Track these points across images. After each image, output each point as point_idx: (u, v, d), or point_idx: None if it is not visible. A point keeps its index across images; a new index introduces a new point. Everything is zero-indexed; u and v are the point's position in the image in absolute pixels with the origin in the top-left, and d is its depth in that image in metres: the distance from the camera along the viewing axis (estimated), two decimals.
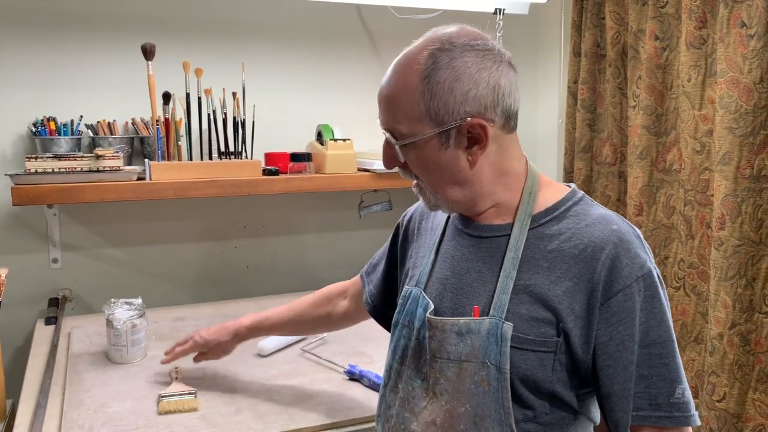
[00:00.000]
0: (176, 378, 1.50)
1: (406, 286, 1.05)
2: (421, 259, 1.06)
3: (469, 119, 0.89)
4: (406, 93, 0.90)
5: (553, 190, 0.98)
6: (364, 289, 1.28)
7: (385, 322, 1.22)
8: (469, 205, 0.97)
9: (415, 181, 0.99)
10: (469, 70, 0.88)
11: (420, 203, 1.16)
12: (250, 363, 1.65)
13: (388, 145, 0.95)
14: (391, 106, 0.92)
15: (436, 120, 0.89)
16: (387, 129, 0.93)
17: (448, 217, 1.06)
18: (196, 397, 1.41)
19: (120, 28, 2.04)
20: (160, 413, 1.35)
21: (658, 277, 0.90)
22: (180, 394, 1.41)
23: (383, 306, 1.23)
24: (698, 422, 0.88)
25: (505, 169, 0.96)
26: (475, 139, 0.91)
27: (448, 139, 0.91)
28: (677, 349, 0.89)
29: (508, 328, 0.88)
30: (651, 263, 0.90)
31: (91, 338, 1.82)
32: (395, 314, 1.04)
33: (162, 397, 1.40)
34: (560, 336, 0.87)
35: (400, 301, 1.04)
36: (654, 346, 0.87)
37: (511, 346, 0.87)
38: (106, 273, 2.13)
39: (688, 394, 0.88)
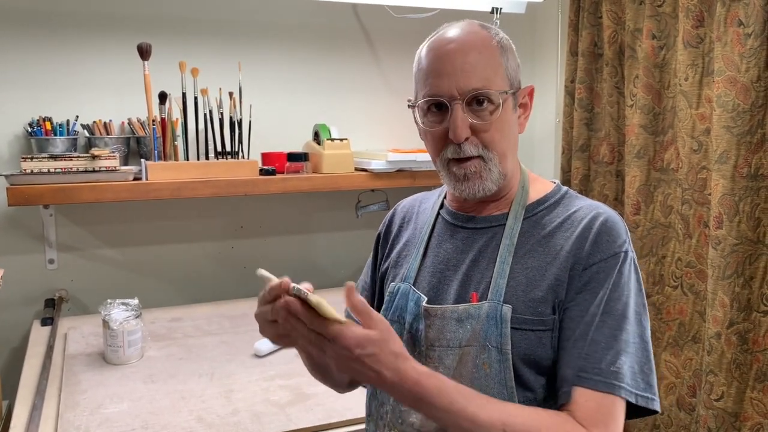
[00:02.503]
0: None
1: (392, 283, 1.05)
2: (405, 258, 1.07)
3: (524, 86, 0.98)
4: (489, 51, 0.93)
5: (540, 184, 1.03)
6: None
7: None
8: (504, 183, 0.99)
9: (476, 155, 0.94)
10: (513, 46, 0.98)
11: (399, 206, 1.16)
12: (247, 363, 1.65)
13: (462, 112, 0.92)
14: (481, 63, 0.92)
15: (510, 81, 0.96)
16: (478, 87, 0.91)
17: (437, 215, 1.07)
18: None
19: (116, 27, 2.03)
20: (310, 301, 0.80)
21: (634, 262, 0.94)
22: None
23: None
24: (630, 398, 0.87)
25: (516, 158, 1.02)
26: (523, 106, 1.00)
27: (515, 102, 0.98)
28: (633, 329, 0.90)
29: (507, 309, 0.91)
30: (629, 247, 0.94)
31: (88, 339, 1.81)
32: (382, 311, 1.04)
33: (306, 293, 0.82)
34: (555, 313, 0.91)
35: (386, 297, 1.05)
36: (609, 316, 0.89)
37: (511, 328, 0.91)
38: (102, 273, 2.12)
39: (629, 370, 0.88)
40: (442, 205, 1.08)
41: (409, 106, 1.00)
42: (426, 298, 0.98)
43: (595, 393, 0.87)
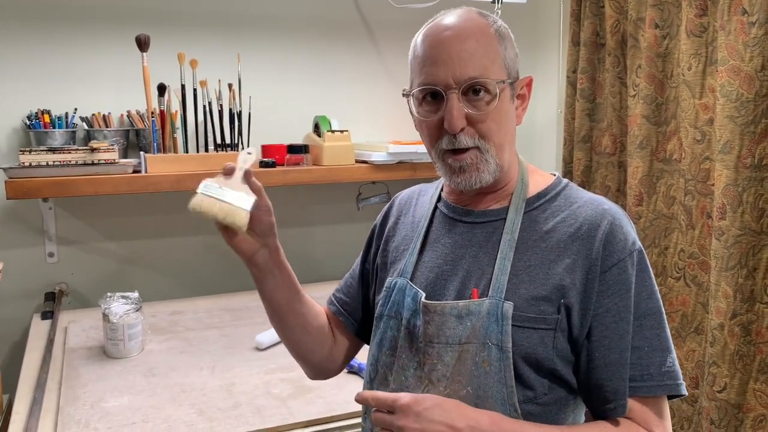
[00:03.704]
0: (242, 172, 0.94)
1: (389, 278, 1.03)
2: (402, 252, 1.05)
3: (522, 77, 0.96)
4: (486, 40, 0.91)
5: (540, 177, 1.00)
6: (339, 316, 1.14)
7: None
8: (501, 176, 0.96)
9: (473, 147, 0.91)
10: (511, 35, 0.96)
11: (397, 198, 1.14)
12: (247, 357, 1.64)
13: (457, 102, 0.89)
14: (478, 52, 0.89)
15: (508, 70, 0.93)
16: (475, 76, 0.88)
17: (435, 209, 1.05)
18: (249, 204, 0.92)
19: (114, 19, 2.02)
20: (191, 208, 0.90)
21: (645, 254, 0.94)
22: (237, 199, 0.92)
23: (368, 323, 1.12)
24: (685, 392, 0.91)
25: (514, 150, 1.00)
26: (521, 97, 0.97)
27: (513, 92, 0.95)
28: (666, 321, 0.93)
29: (509, 307, 0.89)
30: (638, 241, 0.94)
31: (88, 332, 1.81)
32: (379, 307, 1.02)
33: (204, 192, 0.91)
34: (560, 313, 0.89)
35: (383, 293, 1.02)
36: (645, 318, 0.90)
37: (512, 325, 0.89)
38: (102, 267, 2.12)
39: (677, 363, 0.92)
40: (439, 198, 1.06)
41: (404, 95, 0.97)
42: (424, 294, 0.96)
43: (650, 398, 0.90)
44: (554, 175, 1.02)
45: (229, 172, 0.94)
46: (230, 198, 0.91)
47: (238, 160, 0.95)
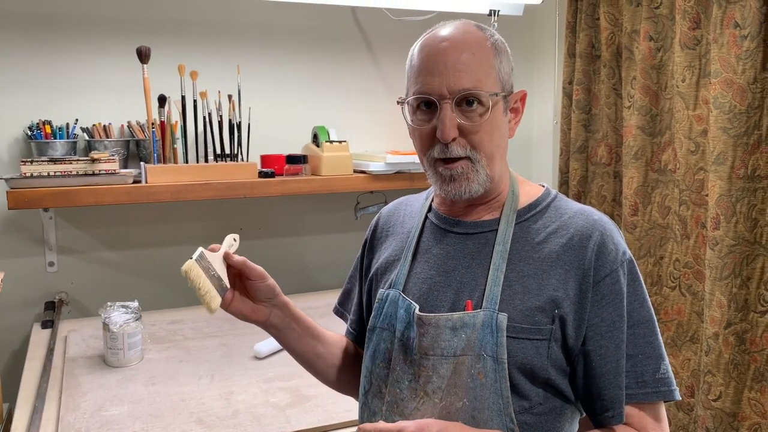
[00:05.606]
0: (228, 249, 1.05)
1: (381, 290, 1.04)
2: (393, 263, 1.05)
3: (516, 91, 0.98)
4: (482, 52, 0.92)
5: (530, 187, 1.02)
6: (352, 338, 1.17)
7: None
8: (492, 187, 0.97)
9: (464, 157, 0.92)
10: (508, 49, 0.97)
11: (384, 210, 1.15)
12: (246, 365, 1.65)
13: (450, 112, 0.90)
14: (474, 64, 0.91)
15: (503, 84, 0.94)
16: (469, 87, 0.90)
17: (425, 219, 1.06)
18: (223, 292, 1.01)
19: (115, 31, 2.04)
20: (182, 270, 0.99)
21: (635, 263, 0.96)
22: (218, 281, 1.01)
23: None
24: (679, 397, 0.94)
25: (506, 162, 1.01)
26: (514, 111, 0.99)
27: (507, 106, 0.96)
28: (658, 328, 0.95)
29: (503, 318, 0.90)
30: (628, 250, 0.96)
31: (88, 342, 1.82)
32: (371, 318, 1.03)
33: (196, 260, 1.00)
34: (554, 323, 0.90)
35: (375, 304, 1.03)
36: (638, 326, 0.92)
37: (507, 336, 0.89)
38: (102, 276, 2.13)
39: (670, 370, 0.94)
40: (430, 209, 1.06)
41: (398, 102, 0.99)
42: (417, 306, 0.96)
43: (646, 405, 0.92)
44: (543, 186, 1.03)
45: (214, 250, 1.02)
46: (213, 276, 1.00)
47: (224, 243, 1.05)
